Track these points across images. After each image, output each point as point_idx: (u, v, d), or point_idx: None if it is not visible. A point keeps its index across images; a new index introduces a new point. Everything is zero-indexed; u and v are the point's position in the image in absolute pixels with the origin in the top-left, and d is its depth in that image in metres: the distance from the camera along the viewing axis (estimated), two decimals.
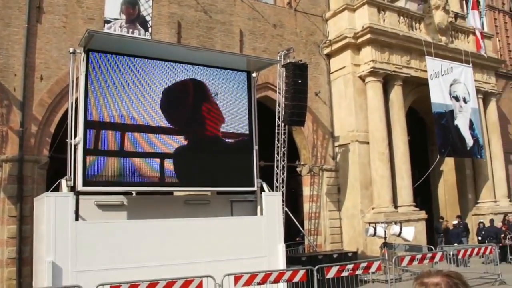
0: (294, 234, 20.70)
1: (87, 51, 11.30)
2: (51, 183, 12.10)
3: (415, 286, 2.36)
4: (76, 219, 10.76)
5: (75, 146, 11.10)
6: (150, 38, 16.01)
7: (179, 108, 12.53)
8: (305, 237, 19.92)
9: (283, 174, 17.66)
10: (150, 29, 16.42)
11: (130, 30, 15.95)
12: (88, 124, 11.16)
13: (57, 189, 11.29)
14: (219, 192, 14.49)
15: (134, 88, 11.81)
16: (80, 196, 11.06)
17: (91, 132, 11.21)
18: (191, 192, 14.27)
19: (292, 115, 17.22)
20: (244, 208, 13.59)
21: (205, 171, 12.61)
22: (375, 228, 16.39)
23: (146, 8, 16.39)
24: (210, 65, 13.04)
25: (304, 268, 12.30)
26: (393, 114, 20.87)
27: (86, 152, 11.02)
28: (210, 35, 18.72)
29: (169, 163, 12.09)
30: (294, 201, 22.70)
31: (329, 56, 21.69)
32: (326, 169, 20.66)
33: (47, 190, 12.79)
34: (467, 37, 24.44)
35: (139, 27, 16.21)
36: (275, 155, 17.71)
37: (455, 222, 21.77)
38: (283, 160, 17.73)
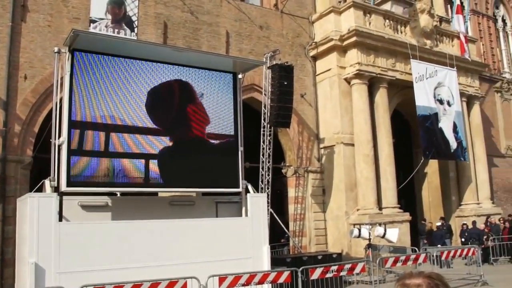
0: (279, 235, 20.73)
1: (72, 51, 11.22)
2: (35, 183, 12.00)
3: (397, 287, 2.38)
4: (60, 220, 10.66)
5: (59, 146, 11.02)
6: (136, 38, 15.95)
7: (164, 108, 12.49)
8: (290, 238, 19.95)
9: (268, 175, 17.67)
10: (136, 29, 16.37)
11: (116, 30, 15.88)
12: (73, 124, 11.08)
13: (40, 189, 11.21)
14: (204, 193, 14.45)
15: (119, 89, 11.75)
16: (64, 197, 10.97)
17: (76, 132, 11.12)
18: (176, 193, 14.23)
19: (278, 117, 17.25)
20: (229, 209, 13.59)
21: (190, 172, 12.59)
22: (359, 230, 16.45)
23: (132, 8, 16.33)
24: (196, 66, 13.02)
25: (289, 269, 12.32)
26: (378, 117, 20.99)
27: (70, 152, 10.94)
28: (196, 36, 18.69)
29: (154, 163, 12.04)
30: (279, 202, 22.72)
31: (315, 58, 21.76)
32: (311, 170, 20.72)
33: (30, 191, 12.66)
34: (451, 41, 24.67)
35: (125, 27, 16.15)
36: (261, 156, 17.72)
37: (439, 224, 21.96)
38: (269, 162, 17.75)
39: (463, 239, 21.33)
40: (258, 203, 13.30)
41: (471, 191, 24.25)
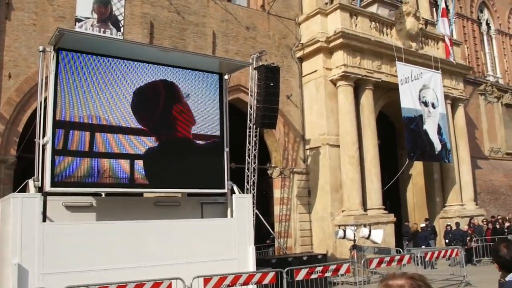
0: (264, 236, 20.75)
1: (57, 50, 11.13)
2: (18, 183, 11.88)
3: None
4: (44, 220, 10.57)
5: (43, 146, 10.92)
6: (122, 38, 15.88)
7: (150, 109, 12.44)
8: (275, 239, 19.97)
9: (254, 176, 17.67)
10: (122, 29, 16.29)
11: (102, 30, 15.79)
12: (57, 124, 10.99)
13: (24, 189, 11.08)
14: (189, 194, 14.41)
15: (104, 88, 11.68)
16: (48, 197, 10.89)
17: (60, 132, 11.03)
18: (161, 194, 14.18)
19: (264, 118, 17.26)
20: (215, 210, 13.57)
21: (175, 173, 12.55)
22: (344, 231, 16.51)
23: (118, 7, 16.25)
24: (182, 66, 12.99)
25: (274, 270, 12.36)
26: (363, 118, 21.10)
27: (55, 152, 10.85)
28: (182, 36, 18.65)
29: (139, 164, 11.97)
30: (265, 203, 22.74)
31: (301, 59, 21.83)
32: (296, 171, 20.76)
33: (14, 191, 12.56)
34: (436, 43, 24.88)
35: (111, 26, 16.06)
36: (246, 157, 17.72)
37: (423, 225, 22.13)
38: (254, 163, 17.75)
39: (447, 240, 21.52)
40: (243, 204, 13.30)
41: (455, 192, 24.46)
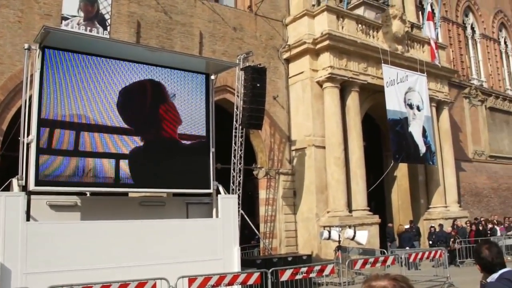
0: (249, 237, 20.76)
1: (42, 48, 11.06)
2: (2, 182, 11.75)
3: None
4: (28, 219, 10.49)
5: (27, 144, 10.84)
6: (108, 37, 15.79)
7: (136, 108, 12.40)
8: (260, 240, 19.99)
9: (240, 177, 17.69)
10: (108, 27, 16.20)
11: (88, 28, 15.69)
12: (42, 122, 10.91)
13: (8, 188, 11.00)
14: (174, 194, 14.40)
15: (90, 87, 11.62)
16: (32, 196, 10.80)
17: (45, 131, 10.96)
18: (147, 194, 14.14)
19: (250, 118, 17.28)
20: (200, 211, 13.55)
21: (161, 173, 12.52)
22: (329, 232, 16.58)
23: (105, 6, 16.16)
24: (169, 66, 12.97)
25: (259, 270, 12.38)
26: (349, 120, 21.18)
27: (39, 151, 10.77)
28: (169, 36, 18.61)
29: (124, 163, 11.94)
30: (250, 204, 22.76)
31: (288, 61, 21.88)
32: (282, 172, 20.80)
33: None
34: (422, 46, 25.07)
35: (98, 25, 15.96)
36: (232, 158, 17.73)
37: (407, 227, 22.29)
38: (240, 163, 17.76)
39: (430, 242, 21.72)
40: (228, 205, 13.30)
41: (439, 194, 24.66)
